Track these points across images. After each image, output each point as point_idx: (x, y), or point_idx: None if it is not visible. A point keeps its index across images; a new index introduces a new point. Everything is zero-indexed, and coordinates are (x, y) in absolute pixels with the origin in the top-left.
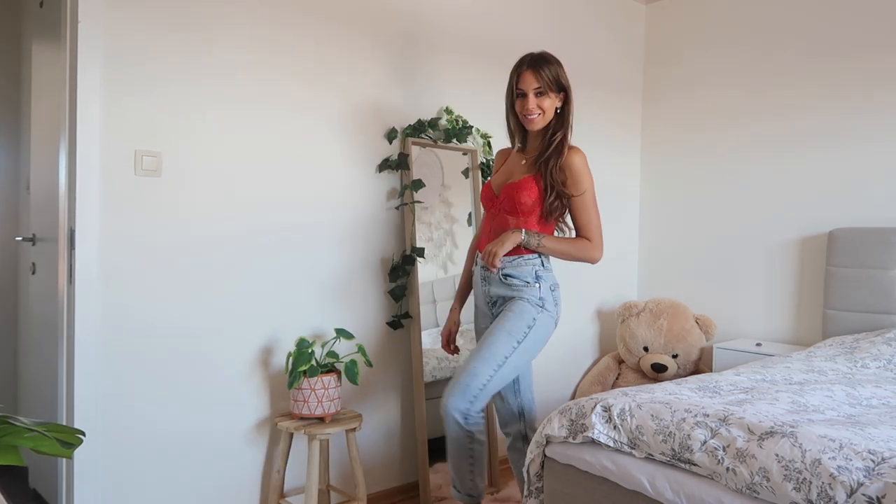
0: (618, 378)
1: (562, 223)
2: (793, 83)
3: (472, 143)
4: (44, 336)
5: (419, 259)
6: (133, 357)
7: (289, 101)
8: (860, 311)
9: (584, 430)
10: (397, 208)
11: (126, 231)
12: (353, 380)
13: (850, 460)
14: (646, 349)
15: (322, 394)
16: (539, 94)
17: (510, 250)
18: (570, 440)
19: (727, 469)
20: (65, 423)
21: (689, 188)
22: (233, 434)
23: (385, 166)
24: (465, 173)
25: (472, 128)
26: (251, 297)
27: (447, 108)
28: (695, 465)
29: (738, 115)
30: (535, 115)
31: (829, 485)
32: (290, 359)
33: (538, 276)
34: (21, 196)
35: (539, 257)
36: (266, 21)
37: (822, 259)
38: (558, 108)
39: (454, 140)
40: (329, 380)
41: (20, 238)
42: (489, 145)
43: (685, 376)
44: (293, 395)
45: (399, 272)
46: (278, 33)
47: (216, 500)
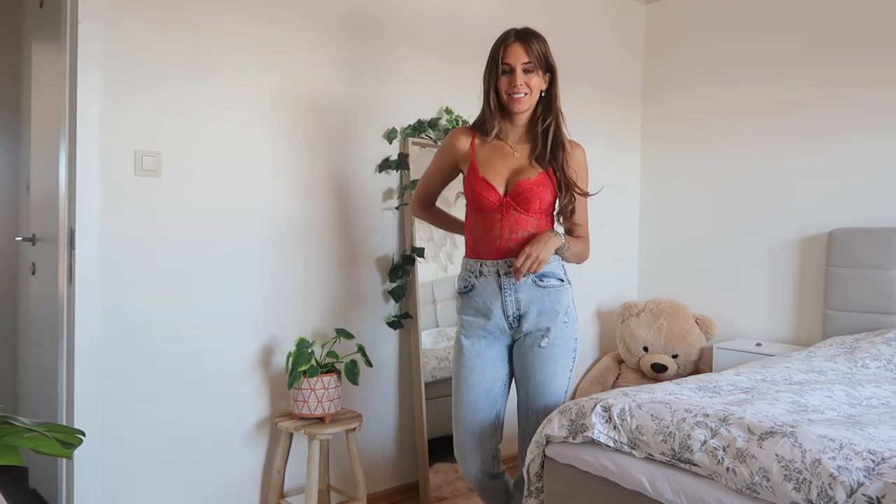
0: (618, 378)
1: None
2: (792, 82)
3: None
4: (44, 336)
5: (419, 259)
6: (133, 357)
7: (289, 100)
8: (860, 311)
9: (584, 430)
10: (397, 208)
11: (126, 231)
12: (353, 380)
13: (850, 460)
14: (646, 349)
15: (322, 394)
16: (527, 70)
17: None
18: (570, 440)
19: (727, 469)
20: (65, 423)
21: (689, 187)
22: (233, 434)
23: (385, 166)
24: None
25: None
26: (251, 297)
27: (447, 108)
28: (695, 465)
29: (737, 115)
30: (523, 94)
31: (829, 485)
32: (290, 359)
33: (566, 272)
34: (21, 196)
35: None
36: (266, 21)
37: (822, 259)
38: (543, 92)
39: None
40: (329, 380)
41: (20, 238)
42: None
43: (685, 376)
44: (293, 395)
45: (399, 272)
46: (278, 33)
47: (216, 500)
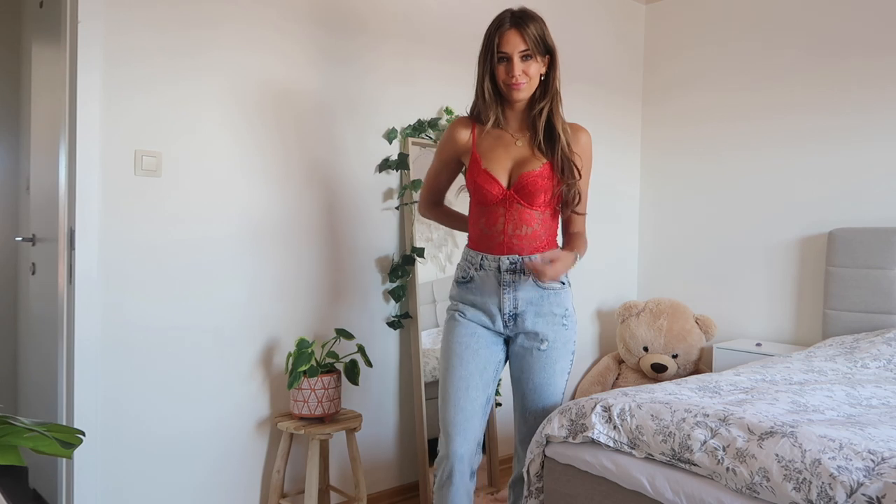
0: (618, 378)
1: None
2: (792, 83)
3: None
4: (44, 336)
5: (419, 259)
6: (133, 357)
7: (289, 100)
8: (860, 311)
9: (584, 430)
10: (397, 208)
11: (126, 231)
12: (353, 380)
13: (850, 460)
14: (646, 349)
15: (322, 394)
16: (525, 58)
17: (539, 246)
18: (570, 440)
19: (727, 469)
20: (65, 423)
21: (690, 188)
22: (233, 434)
23: (385, 166)
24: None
25: None
26: (251, 297)
27: (447, 108)
28: (695, 465)
29: (738, 115)
30: (523, 83)
31: (829, 485)
32: (290, 359)
33: (567, 275)
34: (21, 196)
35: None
36: (266, 21)
37: (822, 259)
38: (542, 76)
39: None
40: (329, 380)
41: (20, 238)
42: None
43: (685, 376)
44: (293, 395)
45: (399, 272)
46: (278, 33)
47: (216, 500)
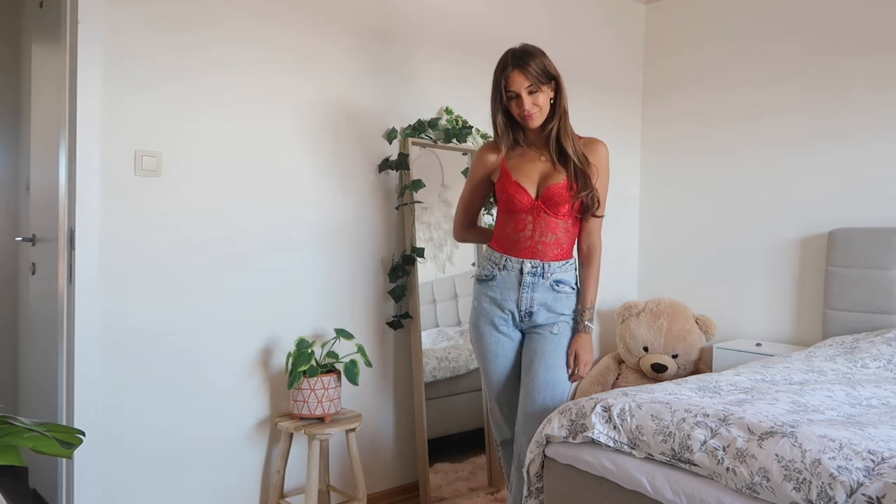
0: (618, 378)
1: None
2: (793, 83)
3: (472, 143)
4: (44, 336)
5: (419, 259)
6: (133, 357)
7: (289, 101)
8: (860, 311)
9: (584, 430)
10: (397, 208)
11: (126, 231)
12: (352, 380)
13: (850, 460)
14: (646, 349)
15: (322, 394)
16: (532, 92)
17: (559, 254)
18: (570, 440)
19: (727, 469)
20: (65, 423)
21: (690, 188)
22: (233, 434)
23: (385, 166)
24: (465, 173)
25: (472, 128)
26: (251, 297)
27: (447, 108)
28: (695, 465)
29: (738, 115)
30: (534, 113)
31: (829, 485)
32: (290, 359)
33: (577, 282)
34: (21, 196)
35: (576, 261)
36: (266, 21)
37: (822, 259)
38: (552, 99)
39: (454, 140)
40: (329, 380)
41: (20, 238)
42: None
43: (685, 376)
44: (293, 395)
45: (399, 272)
46: (278, 33)
47: (216, 500)
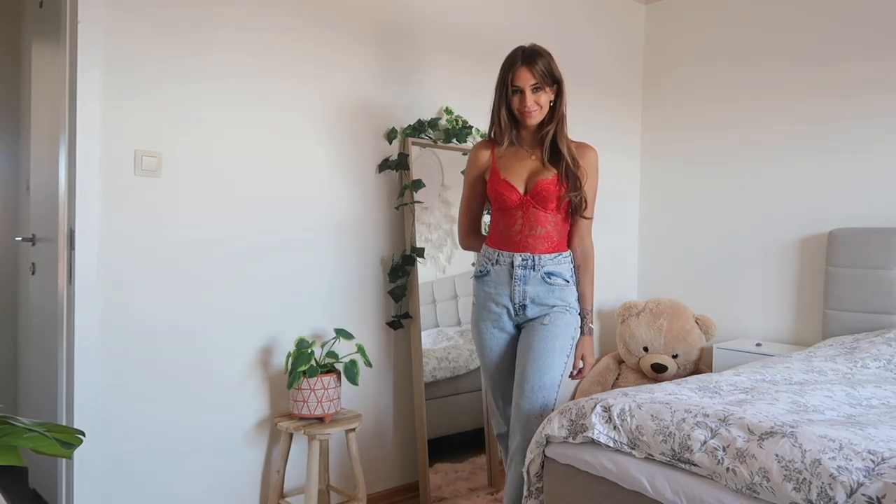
0: (618, 378)
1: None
2: (793, 84)
3: (472, 143)
4: (44, 336)
5: (419, 259)
6: (133, 357)
7: (289, 101)
8: (860, 311)
9: (584, 431)
10: (397, 208)
11: (126, 231)
12: (352, 380)
13: (850, 460)
14: (646, 349)
15: (322, 394)
16: (536, 90)
17: (550, 247)
18: (570, 440)
19: (727, 469)
20: (65, 423)
21: (689, 188)
22: (233, 434)
23: (385, 166)
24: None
25: (472, 128)
26: (251, 297)
27: (447, 108)
28: (695, 465)
29: (738, 115)
30: (534, 111)
31: (829, 485)
32: (290, 359)
33: (573, 274)
34: (21, 196)
35: (570, 254)
36: (265, 22)
37: (822, 259)
38: (552, 101)
39: (454, 140)
40: (329, 380)
41: (20, 238)
42: None
43: (685, 376)
44: (293, 395)
45: (399, 272)
46: (277, 35)
47: (216, 500)
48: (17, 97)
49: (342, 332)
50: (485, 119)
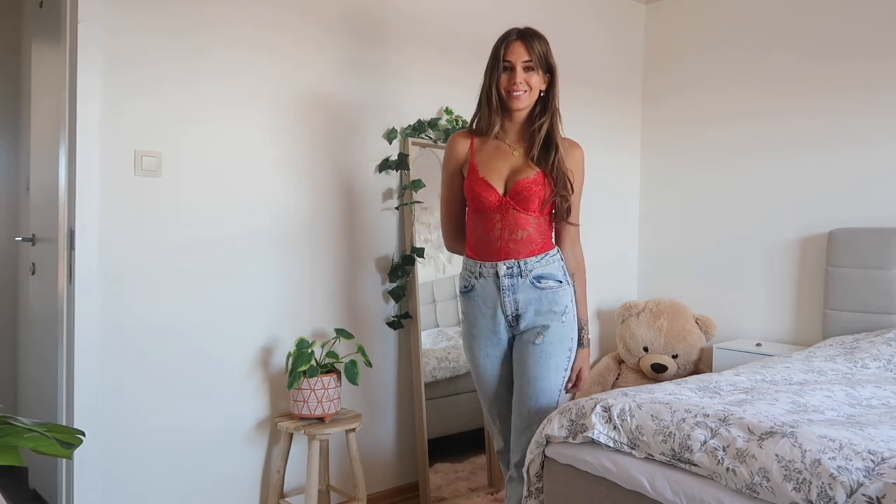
0: (618, 378)
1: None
2: (793, 83)
3: None
4: (44, 336)
5: (419, 259)
6: (133, 357)
7: (288, 101)
8: (860, 311)
9: (584, 431)
10: (397, 208)
11: (126, 231)
12: (352, 380)
13: (850, 460)
14: (646, 349)
15: (322, 394)
16: (527, 68)
17: (535, 249)
18: (570, 440)
19: (727, 469)
20: (65, 423)
21: (690, 188)
22: (233, 434)
23: (385, 166)
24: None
25: None
26: (251, 297)
27: (447, 108)
28: (695, 465)
29: (738, 115)
30: (522, 92)
31: (829, 485)
32: (290, 359)
33: (565, 273)
34: (21, 196)
35: (558, 252)
36: (264, 22)
37: (822, 259)
38: (542, 92)
39: None
40: (329, 380)
41: (20, 238)
42: None
43: (685, 376)
44: (293, 395)
45: (399, 272)
46: (277, 34)
47: (216, 500)
48: (17, 97)
49: (342, 332)
50: None
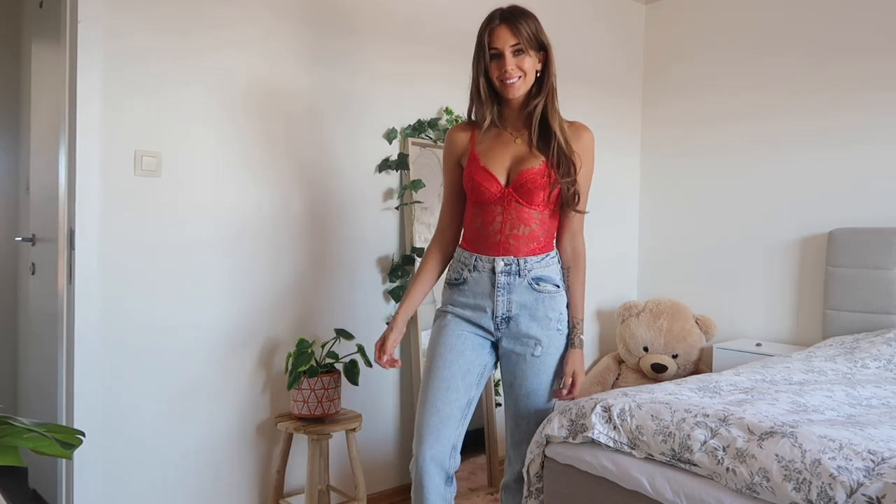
0: (618, 378)
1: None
2: (793, 83)
3: None
4: (44, 336)
5: (419, 259)
6: (133, 357)
7: (289, 101)
8: (860, 311)
9: (584, 431)
10: (397, 208)
11: (126, 231)
12: (352, 380)
13: (850, 460)
14: (646, 349)
15: (322, 394)
16: (517, 52)
17: (536, 248)
18: (570, 440)
19: (727, 469)
20: (65, 424)
21: (689, 188)
22: (233, 434)
23: (385, 166)
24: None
25: None
26: (251, 297)
27: (447, 108)
28: (695, 465)
29: (738, 115)
30: (516, 79)
31: (829, 485)
32: (290, 359)
33: (563, 278)
34: (21, 196)
35: (557, 254)
36: (264, 22)
37: (822, 259)
38: (538, 72)
39: None
40: (329, 380)
41: (20, 238)
42: None
43: (685, 376)
44: (293, 395)
45: (399, 272)
46: (276, 34)
47: (216, 500)
48: (17, 97)
49: (342, 332)
50: None
